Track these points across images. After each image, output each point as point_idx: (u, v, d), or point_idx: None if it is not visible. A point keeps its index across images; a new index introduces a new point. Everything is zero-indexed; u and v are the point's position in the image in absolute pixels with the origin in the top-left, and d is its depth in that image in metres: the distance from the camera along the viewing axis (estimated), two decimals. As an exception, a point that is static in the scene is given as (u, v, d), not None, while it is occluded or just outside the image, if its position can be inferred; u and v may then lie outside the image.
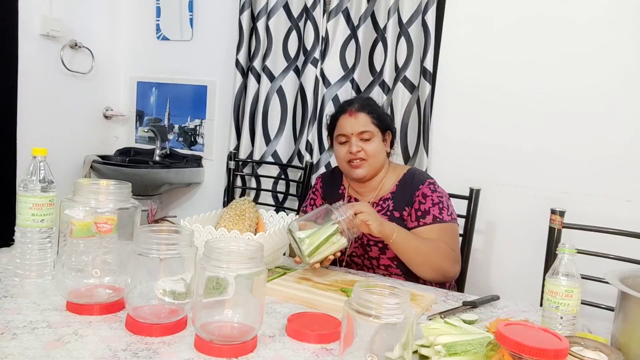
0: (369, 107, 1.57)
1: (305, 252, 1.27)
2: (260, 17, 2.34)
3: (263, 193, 2.45)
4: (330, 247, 1.29)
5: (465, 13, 2.06)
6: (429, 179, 1.57)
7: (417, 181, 1.55)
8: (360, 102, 1.59)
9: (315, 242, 1.27)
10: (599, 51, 1.85)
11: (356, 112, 1.55)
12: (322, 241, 1.27)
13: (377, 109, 1.60)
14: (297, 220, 1.33)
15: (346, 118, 1.56)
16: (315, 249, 1.27)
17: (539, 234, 1.68)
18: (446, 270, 1.42)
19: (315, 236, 1.27)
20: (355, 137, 1.54)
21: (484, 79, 2.04)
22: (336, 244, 1.29)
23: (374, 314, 0.76)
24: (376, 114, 1.57)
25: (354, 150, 1.53)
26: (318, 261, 1.30)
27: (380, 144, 1.57)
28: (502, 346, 0.71)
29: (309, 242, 1.27)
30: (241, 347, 0.86)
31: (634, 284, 0.97)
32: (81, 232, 1.01)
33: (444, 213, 1.49)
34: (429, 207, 1.49)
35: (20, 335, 0.86)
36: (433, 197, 1.51)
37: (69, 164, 2.59)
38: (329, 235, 1.28)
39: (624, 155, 1.83)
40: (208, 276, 0.86)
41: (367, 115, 1.55)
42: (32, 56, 2.37)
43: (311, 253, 1.27)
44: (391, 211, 1.54)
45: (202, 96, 2.70)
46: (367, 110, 1.56)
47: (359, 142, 1.54)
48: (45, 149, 1.13)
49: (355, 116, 1.55)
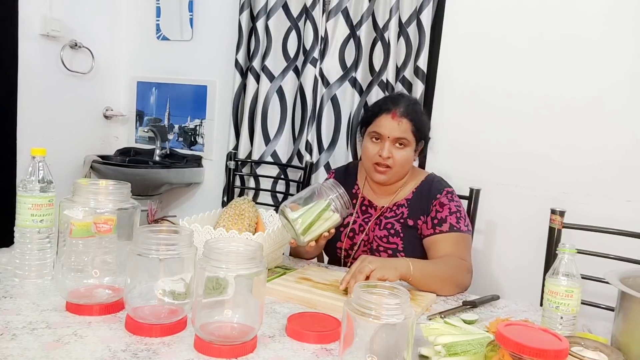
0: (414, 113, 1.50)
1: (299, 230, 1.26)
2: (260, 17, 2.34)
3: (262, 193, 2.45)
4: (324, 223, 1.29)
5: (465, 13, 2.05)
6: (447, 187, 1.52)
7: (434, 190, 1.51)
8: (406, 107, 1.50)
9: (308, 220, 1.26)
10: (599, 52, 1.85)
11: (400, 117, 1.47)
12: (315, 218, 1.27)
13: (420, 117, 1.53)
14: (289, 202, 1.32)
15: (387, 119, 1.48)
16: (308, 227, 1.27)
17: (539, 234, 1.68)
18: (463, 283, 1.36)
19: (307, 214, 1.27)
20: (390, 141, 1.47)
21: (484, 79, 2.03)
22: (329, 220, 1.29)
23: (374, 314, 0.76)
24: (419, 122, 1.50)
25: (385, 155, 1.47)
26: (313, 239, 1.29)
27: (411, 153, 1.51)
28: (502, 346, 0.71)
29: (301, 221, 1.27)
30: (241, 348, 0.86)
31: (634, 284, 0.97)
32: (80, 233, 1.01)
33: (461, 223, 1.45)
34: (446, 215, 1.46)
35: (20, 336, 0.86)
36: (450, 206, 1.47)
37: (69, 164, 2.59)
38: (321, 211, 1.27)
39: (624, 156, 1.83)
40: (208, 276, 0.86)
41: (410, 122, 1.48)
42: (32, 56, 2.37)
43: (305, 231, 1.27)
44: (405, 219, 1.50)
45: (202, 96, 2.70)
46: (410, 117, 1.48)
47: (392, 147, 1.48)
48: (44, 149, 1.13)
49: (398, 120, 1.47)
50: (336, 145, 2.26)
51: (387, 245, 1.49)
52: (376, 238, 1.52)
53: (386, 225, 1.52)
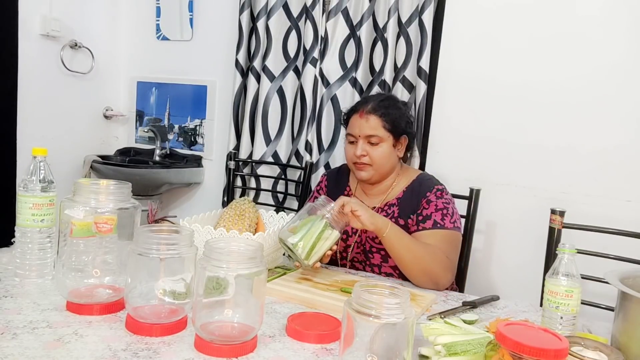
0: (383, 109, 1.49)
1: (302, 255, 1.25)
2: (260, 17, 2.34)
3: (263, 193, 2.45)
4: (325, 243, 1.28)
5: (465, 14, 2.06)
6: (437, 185, 1.52)
7: (424, 188, 1.51)
8: (375, 104, 1.50)
9: (309, 243, 1.25)
10: (600, 52, 1.85)
11: (367, 115, 1.48)
12: (315, 239, 1.26)
13: (392, 111, 1.50)
14: (285, 227, 1.31)
15: (356, 118, 1.50)
16: (310, 250, 1.26)
17: (539, 234, 1.68)
18: (438, 276, 1.33)
19: (307, 237, 1.26)
20: (363, 139, 1.48)
21: (484, 79, 2.03)
22: (330, 239, 1.28)
23: (374, 314, 0.76)
24: (389, 117, 1.49)
25: (358, 154, 1.48)
26: (317, 261, 1.29)
27: (389, 149, 1.50)
28: (502, 346, 0.71)
29: (302, 245, 1.25)
30: (241, 347, 0.86)
31: (634, 284, 0.97)
32: (81, 232, 1.01)
33: (447, 220, 1.44)
34: (431, 212, 1.45)
35: (21, 335, 0.86)
36: (437, 203, 1.46)
37: (69, 164, 2.59)
38: (320, 231, 1.26)
39: (624, 156, 1.83)
40: (208, 276, 0.86)
41: (379, 118, 1.48)
42: (32, 56, 2.37)
43: (308, 255, 1.26)
44: (396, 218, 1.50)
45: (202, 96, 2.70)
46: (379, 113, 1.48)
47: (365, 145, 1.48)
48: (45, 149, 1.13)
49: (365, 118, 1.48)
50: (336, 145, 2.26)
51: (379, 245, 1.47)
52: (368, 239, 1.52)
53: None
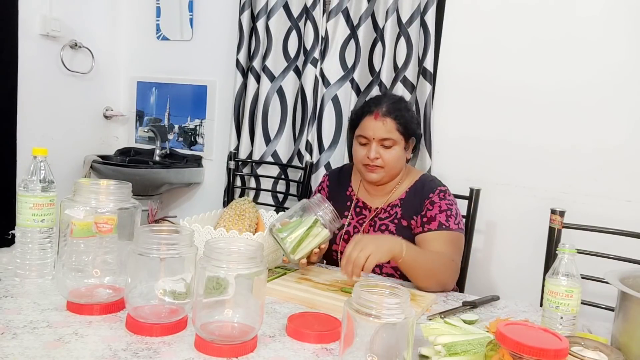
0: (397, 111, 1.48)
1: (288, 249, 1.27)
2: (260, 17, 2.34)
3: (263, 193, 2.45)
4: (313, 240, 1.28)
5: (466, 14, 2.06)
6: (440, 186, 1.52)
7: (427, 189, 1.50)
8: (389, 106, 1.49)
9: (297, 238, 1.27)
10: (600, 53, 1.85)
11: (382, 117, 1.46)
12: (303, 235, 1.27)
13: (405, 114, 1.50)
14: (277, 220, 1.32)
15: (371, 120, 1.47)
16: (297, 245, 1.27)
17: (539, 234, 1.68)
18: (447, 283, 1.35)
19: (295, 232, 1.27)
20: (377, 142, 1.47)
21: (485, 79, 2.03)
22: (319, 236, 1.29)
23: (374, 313, 0.76)
24: (403, 120, 1.48)
25: (372, 156, 1.46)
26: (303, 256, 1.29)
27: (401, 151, 1.50)
28: (502, 346, 0.71)
29: (290, 240, 1.27)
30: (241, 347, 0.86)
31: (634, 284, 0.97)
32: (81, 232, 1.01)
33: (451, 221, 1.44)
34: (435, 213, 1.45)
35: (21, 335, 0.86)
36: (441, 204, 1.46)
37: (69, 164, 2.59)
38: (309, 228, 1.27)
39: (624, 156, 1.83)
40: (208, 276, 0.86)
41: (394, 121, 1.47)
42: (32, 56, 2.37)
43: (294, 249, 1.27)
44: (399, 219, 1.50)
45: (202, 96, 2.70)
46: (394, 116, 1.47)
47: (379, 148, 1.47)
48: (46, 149, 1.13)
49: (382, 121, 1.46)
50: (336, 145, 2.26)
51: None
52: None
53: (380, 226, 1.52)
